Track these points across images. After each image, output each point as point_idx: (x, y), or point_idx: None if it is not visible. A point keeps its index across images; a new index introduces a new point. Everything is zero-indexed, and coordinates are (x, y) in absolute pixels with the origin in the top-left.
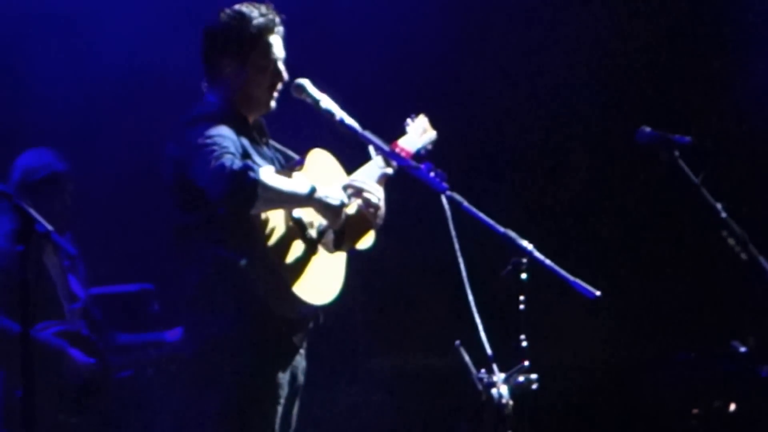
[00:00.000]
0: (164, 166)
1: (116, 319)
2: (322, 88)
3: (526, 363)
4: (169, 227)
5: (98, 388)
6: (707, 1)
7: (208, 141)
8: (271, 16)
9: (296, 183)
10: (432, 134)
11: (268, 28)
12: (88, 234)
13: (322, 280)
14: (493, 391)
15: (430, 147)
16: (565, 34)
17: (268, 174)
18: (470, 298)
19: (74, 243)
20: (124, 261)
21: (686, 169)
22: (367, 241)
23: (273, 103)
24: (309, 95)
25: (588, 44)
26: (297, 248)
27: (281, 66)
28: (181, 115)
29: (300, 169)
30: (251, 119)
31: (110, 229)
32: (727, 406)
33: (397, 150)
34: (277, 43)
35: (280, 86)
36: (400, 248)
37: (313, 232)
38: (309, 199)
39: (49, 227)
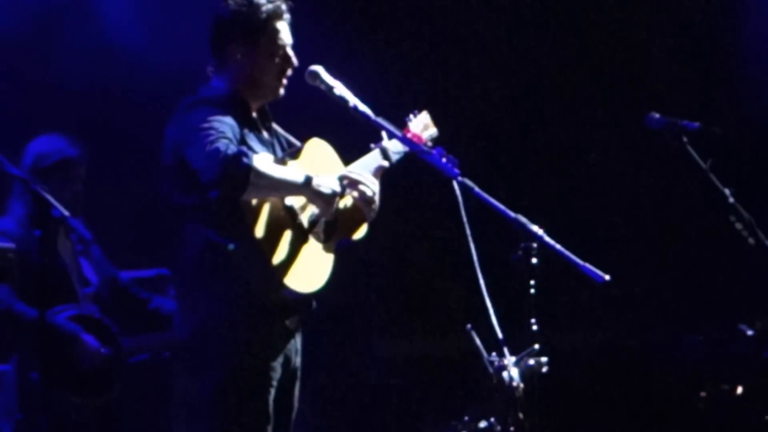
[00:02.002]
0: (164, 147)
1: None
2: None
3: (537, 346)
4: (165, 207)
5: (111, 372)
6: None
7: (206, 125)
8: (278, 3)
9: (290, 171)
10: (433, 131)
11: (276, 14)
12: (103, 219)
13: (310, 269)
14: (504, 374)
15: (430, 144)
16: (573, 20)
17: (262, 161)
18: (481, 282)
19: (86, 228)
20: (140, 246)
21: (694, 154)
22: (359, 233)
23: (282, 90)
24: (323, 82)
25: (595, 30)
26: (287, 236)
27: (290, 51)
28: (185, 97)
29: (297, 158)
30: (256, 106)
31: (126, 214)
32: (735, 389)
33: (409, 136)
34: (284, 29)
35: (289, 72)
36: (412, 233)
37: (304, 221)
38: (302, 188)
39: (65, 212)
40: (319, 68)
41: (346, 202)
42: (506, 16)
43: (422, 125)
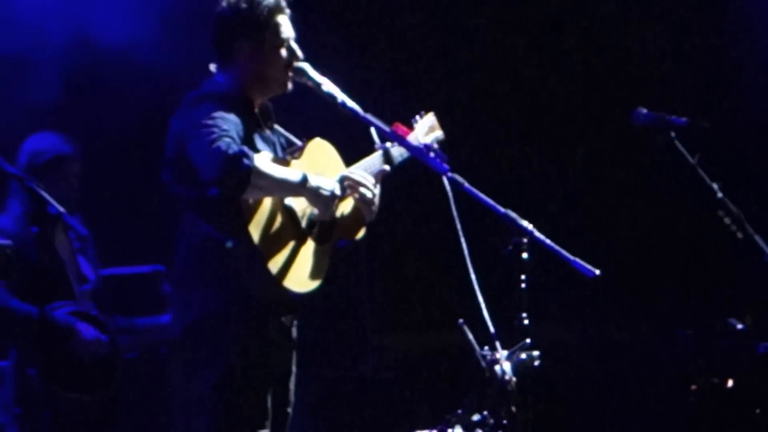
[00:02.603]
0: (167, 138)
1: (128, 300)
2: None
3: (528, 340)
4: (164, 195)
5: (109, 368)
6: None
7: (210, 122)
8: None
9: (290, 172)
10: (439, 133)
11: (277, 9)
12: (100, 215)
13: (308, 269)
14: (497, 367)
15: (436, 145)
16: (561, 15)
17: (262, 161)
18: (473, 277)
19: (84, 224)
20: (136, 242)
21: (682, 149)
22: (358, 234)
23: (290, 84)
24: (310, 79)
25: (584, 26)
26: (285, 236)
27: (294, 45)
28: (190, 91)
29: (299, 157)
30: (259, 102)
31: (122, 211)
32: (725, 382)
33: (399, 132)
34: (285, 23)
35: (295, 65)
36: (404, 229)
37: (303, 222)
38: (301, 188)
39: (61, 209)
40: (305, 65)
41: (346, 203)
42: (495, 14)
43: (427, 127)
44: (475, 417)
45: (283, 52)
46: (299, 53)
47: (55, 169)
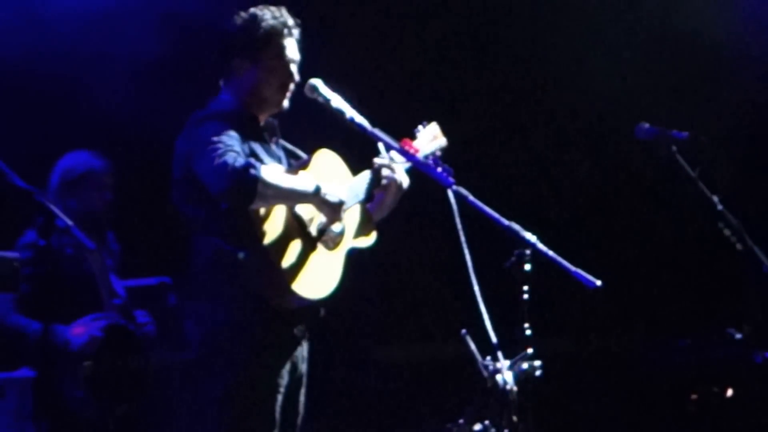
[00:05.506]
0: (174, 160)
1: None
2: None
3: (530, 350)
4: (175, 216)
5: (139, 379)
6: None
7: (215, 138)
8: (283, 19)
9: (296, 180)
10: (442, 141)
11: (279, 31)
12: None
13: (319, 276)
14: (498, 377)
15: (439, 153)
16: (563, 29)
17: (269, 171)
18: (476, 288)
19: (116, 241)
20: (141, 255)
21: (684, 163)
22: (368, 241)
23: (286, 103)
24: (321, 95)
25: (586, 41)
26: (296, 244)
27: (293, 68)
28: (196, 110)
29: (306, 168)
30: (263, 118)
31: (128, 223)
32: (724, 391)
33: (406, 147)
34: (290, 46)
35: (291, 87)
36: (408, 241)
37: (313, 230)
38: (309, 196)
39: (69, 222)
40: (317, 81)
41: (356, 210)
42: (496, 26)
43: (431, 136)
44: (477, 426)
45: (280, 73)
46: (296, 76)
47: (86, 182)
